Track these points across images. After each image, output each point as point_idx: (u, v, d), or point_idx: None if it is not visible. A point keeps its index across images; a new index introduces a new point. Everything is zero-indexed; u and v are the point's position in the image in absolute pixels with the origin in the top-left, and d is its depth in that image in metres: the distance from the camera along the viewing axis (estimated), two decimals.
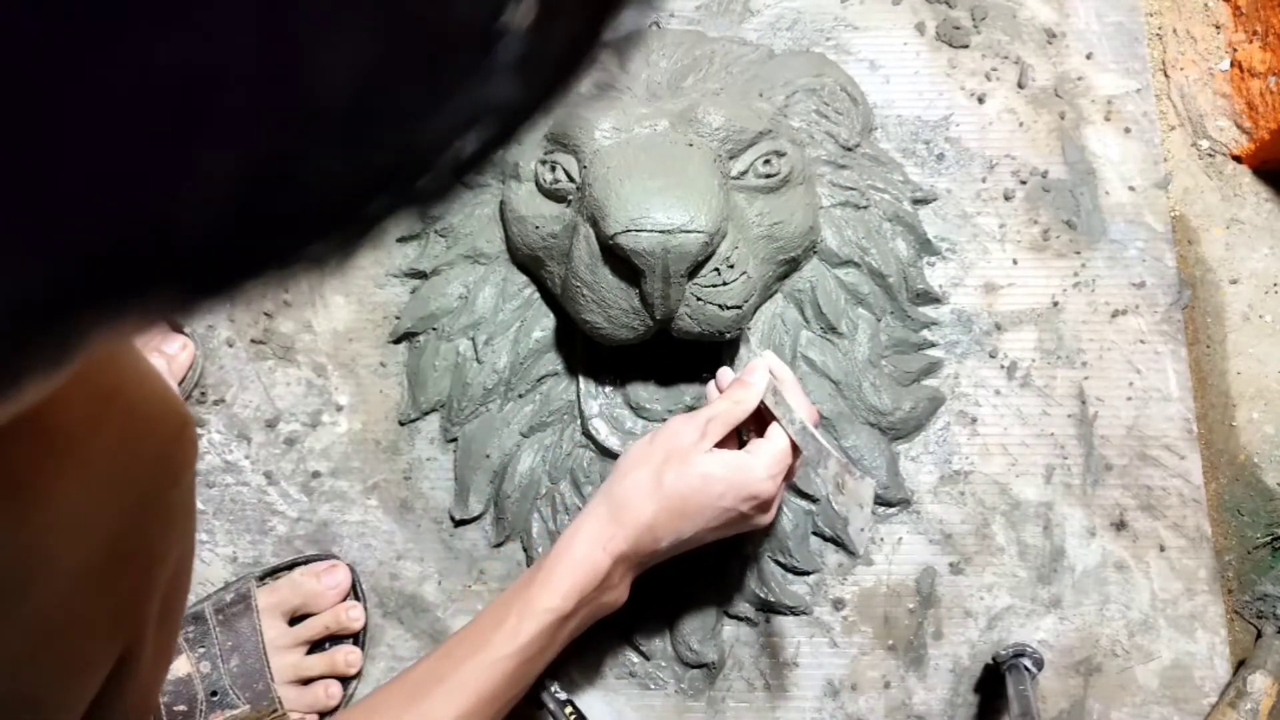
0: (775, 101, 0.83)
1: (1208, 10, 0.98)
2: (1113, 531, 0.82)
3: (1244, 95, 0.93)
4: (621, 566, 0.65)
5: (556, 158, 0.74)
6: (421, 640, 0.81)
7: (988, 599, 0.81)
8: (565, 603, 0.62)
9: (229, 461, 0.86)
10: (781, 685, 0.79)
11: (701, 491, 0.64)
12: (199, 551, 0.84)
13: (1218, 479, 0.85)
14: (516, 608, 0.62)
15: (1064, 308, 0.87)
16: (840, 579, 0.81)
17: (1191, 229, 0.92)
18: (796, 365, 0.79)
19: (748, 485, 0.64)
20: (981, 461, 0.84)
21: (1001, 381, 0.85)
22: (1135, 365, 0.85)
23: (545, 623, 0.62)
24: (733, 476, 0.64)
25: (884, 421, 0.81)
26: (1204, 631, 0.80)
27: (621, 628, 0.80)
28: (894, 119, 0.92)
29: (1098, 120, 0.92)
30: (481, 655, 0.61)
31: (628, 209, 0.65)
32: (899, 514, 0.82)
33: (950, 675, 0.79)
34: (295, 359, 0.88)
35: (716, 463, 0.64)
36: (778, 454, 0.65)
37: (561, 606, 0.62)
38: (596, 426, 0.78)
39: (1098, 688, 0.79)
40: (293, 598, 0.79)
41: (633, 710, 0.79)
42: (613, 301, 0.69)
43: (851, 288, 0.80)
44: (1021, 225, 0.89)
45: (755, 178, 0.73)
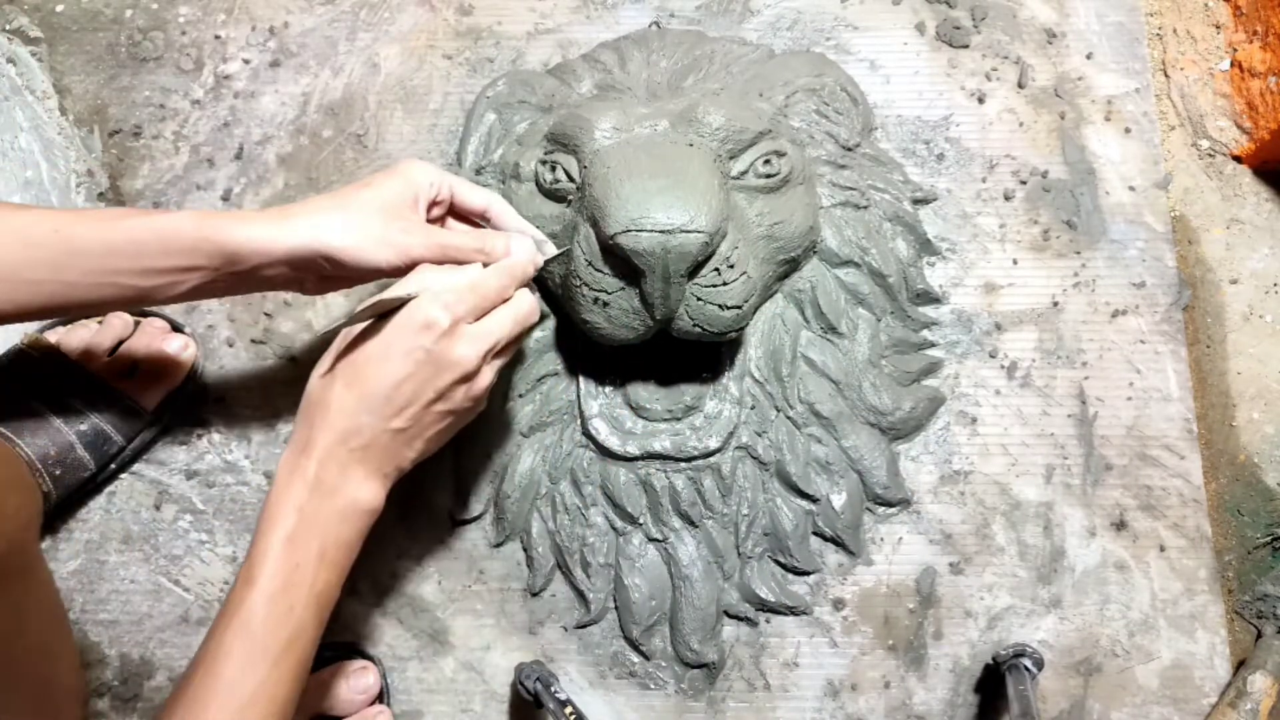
0: (775, 101, 0.83)
1: (1208, 10, 0.98)
2: (1113, 531, 0.82)
3: (1244, 95, 0.93)
4: (334, 463, 0.60)
5: (556, 158, 0.74)
6: (421, 640, 0.81)
7: (988, 599, 0.81)
8: (284, 522, 0.58)
9: (229, 461, 0.86)
10: (781, 685, 0.80)
11: (373, 348, 0.60)
12: (199, 551, 0.84)
13: (1218, 479, 0.85)
14: (248, 556, 0.59)
15: (1064, 308, 0.87)
16: (840, 579, 0.81)
17: (1191, 229, 0.92)
18: (796, 365, 0.79)
19: (415, 317, 0.60)
20: (981, 461, 0.84)
21: (1001, 381, 0.86)
22: (1135, 365, 0.85)
23: (274, 550, 0.58)
24: (406, 328, 0.60)
25: (884, 421, 0.81)
26: (1204, 631, 0.80)
27: (621, 627, 0.80)
28: (894, 119, 0.92)
29: (1098, 120, 0.92)
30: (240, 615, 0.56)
31: (628, 209, 0.65)
32: (899, 514, 0.82)
33: (950, 675, 0.79)
34: (295, 359, 0.88)
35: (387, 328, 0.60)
36: (454, 283, 0.61)
37: (282, 528, 0.58)
38: (596, 426, 0.78)
39: (1098, 688, 0.79)
40: (316, 700, 0.76)
41: (633, 710, 0.79)
42: (613, 301, 0.69)
43: (851, 288, 0.80)
44: (1021, 225, 0.89)
45: (755, 178, 0.73)
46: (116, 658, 0.81)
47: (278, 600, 0.57)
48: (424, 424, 0.62)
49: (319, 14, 0.99)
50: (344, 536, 0.61)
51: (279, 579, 0.57)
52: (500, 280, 0.64)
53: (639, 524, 0.78)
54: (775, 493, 0.79)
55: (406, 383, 0.60)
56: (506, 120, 0.86)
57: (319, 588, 0.59)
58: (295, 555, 0.58)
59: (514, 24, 0.98)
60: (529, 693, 0.75)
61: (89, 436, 0.79)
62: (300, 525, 0.59)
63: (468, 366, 0.61)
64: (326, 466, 0.60)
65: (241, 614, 0.57)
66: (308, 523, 0.59)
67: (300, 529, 0.59)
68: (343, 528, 0.61)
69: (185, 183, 0.93)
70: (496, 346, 0.63)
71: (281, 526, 0.58)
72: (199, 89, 0.96)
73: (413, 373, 0.60)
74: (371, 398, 0.60)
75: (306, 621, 0.58)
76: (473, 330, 0.62)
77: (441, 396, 0.61)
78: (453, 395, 0.62)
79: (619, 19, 0.97)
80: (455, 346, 0.61)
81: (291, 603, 0.58)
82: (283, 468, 0.61)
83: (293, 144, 0.94)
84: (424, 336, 0.60)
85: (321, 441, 0.60)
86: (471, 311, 0.62)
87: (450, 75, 0.96)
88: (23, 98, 0.93)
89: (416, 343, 0.60)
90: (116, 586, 0.83)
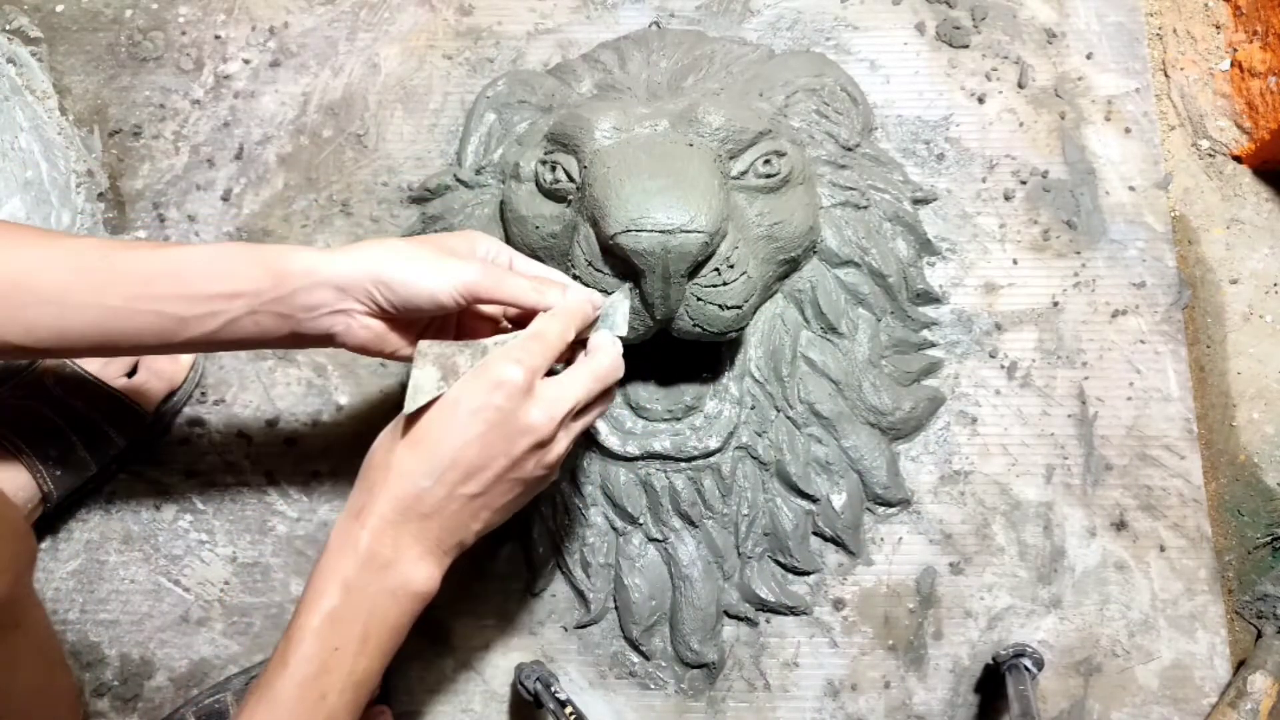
0: (775, 101, 0.83)
1: (1208, 10, 0.98)
2: (1113, 531, 0.82)
3: (1244, 95, 0.93)
4: (389, 535, 0.55)
5: (557, 158, 0.74)
6: (421, 640, 0.81)
7: (988, 599, 0.81)
8: (328, 598, 0.54)
9: (229, 461, 0.86)
10: (781, 685, 0.80)
11: (442, 408, 0.55)
12: (199, 551, 0.84)
13: (1218, 479, 0.85)
14: (286, 630, 0.55)
15: (1064, 308, 0.87)
16: (840, 579, 0.81)
17: (1191, 229, 0.92)
18: (796, 365, 0.79)
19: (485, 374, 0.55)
20: (981, 461, 0.84)
21: (1001, 381, 0.86)
22: (1135, 365, 0.85)
23: (313, 628, 0.54)
24: (477, 387, 0.55)
25: (884, 421, 0.81)
26: (1204, 631, 0.80)
27: (621, 627, 0.80)
28: (894, 119, 0.92)
29: (1098, 120, 0.92)
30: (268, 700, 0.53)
31: (628, 209, 0.65)
32: (899, 514, 0.82)
33: (950, 675, 0.79)
34: (295, 359, 0.88)
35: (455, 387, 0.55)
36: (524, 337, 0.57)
37: (326, 604, 0.54)
38: (596, 426, 0.78)
39: (1098, 688, 0.79)
40: None
41: (633, 710, 0.79)
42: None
43: (851, 288, 0.80)
44: (1021, 225, 0.89)
45: (755, 178, 0.73)
46: (116, 658, 0.81)
47: (310, 687, 0.53)
48: (494, 493, 0.57)
49: (319, 14, 0.99)
50: (391, 619, 0.56)
51: (314, 663, 0.53)
52: (561, 326, 0.59)
53: (639, 524, 0.78)
54: (775, 493, 0.79)
55: (476, 444, 0.55)
56: (506, 120, 0.86)
57: (358, 674, 0.54)
58: (335, 637, 0.54)
59: (514, 24, 0.98)
60: (529, 693, 0.75)
61: (89, 436, 0.79)
62: (345, 603, 0.54)
63: (543, 432, 0.56)
64: (381, 538, 0.54)
65: (270, 698, 0.53)
66: (353, 601, 0.54)
67: (344, 608, 0.54)
68: (392, 609, 0.55)
69: (185, 183, 0.93)
70: (574, 409, 0.58)
71: (325, 602, 0.54)
72: (199, 89, 0.96)
73: (484, 434, 0.55)
74: (437, 460, 0.54)
75: (340, 711, 0.54)
76: (548, 393, 0.57)
77: (515, 464, 0.56)
78: (525, 462, 0.56)
79: (619, 19, 0.97)
80: (530, 409, 0.55)
81: (325, 690, 0.53)
82: (333, 536, 0.56)
83: (293, 144, 0.94)
84: (495, 394, 0.54)
85: (378, 509, 0.55)
86: (542, 365, 0.57)
87: (450, 75, 0.96)
88: (23, 98, 0.93)
89: (487, 401, 0.54)
90: (116, 586, 0.83)
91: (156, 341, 0.61)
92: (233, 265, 0.59)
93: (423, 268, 0.59)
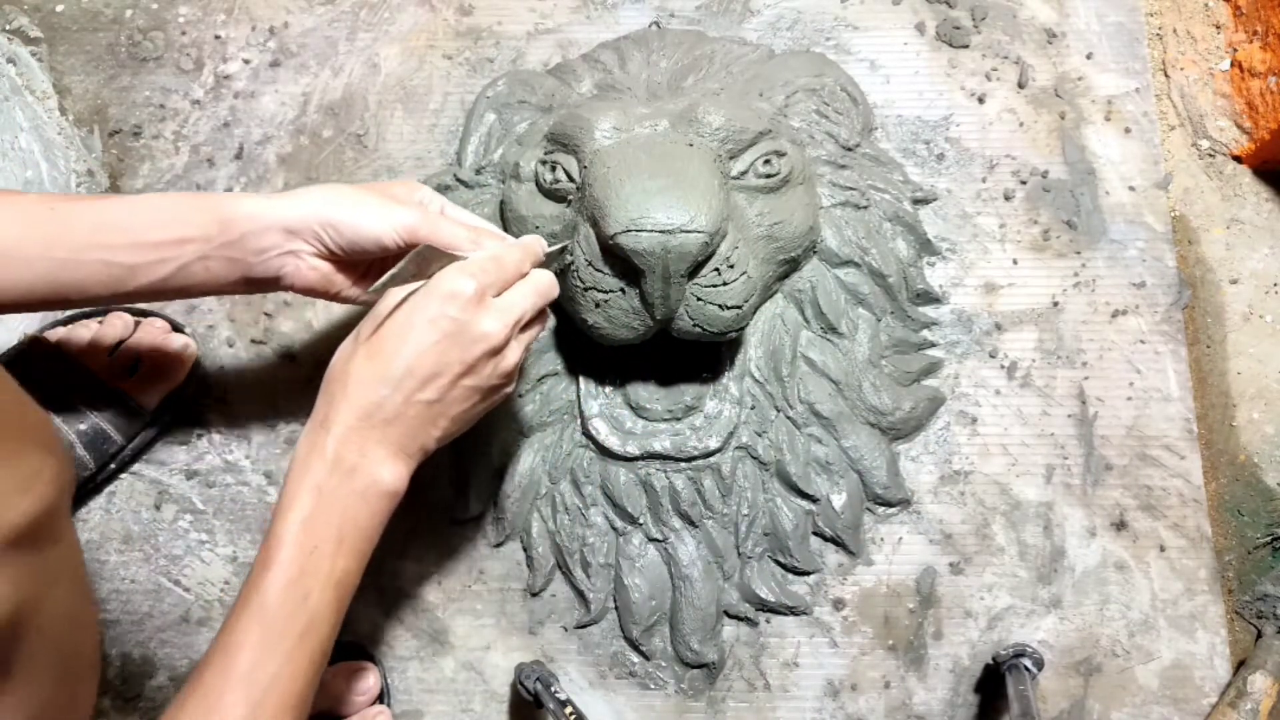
0: (775, 101, 0.83)
1: (1208, 10, 0.98)
2: (1113, 531, 0.82)
3: (1244, 95, 0.93)
4: (354, 440, 0.57)
5: (557, 158, 0.74)
6: (421, 640, 0.81)
7: (988, 599, 0.81)
8: (301, 504, 0.56)
9: (229, 461, 0.86)
10: (781, 685, 0.80)
11: (397, 319, 0.57)
12: (199, 551, 0.84)
13: (1218, 479, 0.85)
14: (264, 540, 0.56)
15: (1064, 308, 0.87)
16: (840, 579, 0.81)
17: (1191, 229, 0.92)
18: (796, 365, 0.79)
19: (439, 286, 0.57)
20: (981, 461, 0.84)
21: (1001, 381, 0.86)
22: (1135, 365, 0.85)
23: (291, 533, 0.55)
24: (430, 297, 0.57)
25: (884, 421, 0.81)
26: (1204, 631, 0.80)
27: (621, 627, 0.80)
28: (894, 119, 0.92)
29: (1098, 120, 0.92)
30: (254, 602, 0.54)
31: (628, 209, 0.65)
32: (899, 514, 0.82)
33: (950, 675, 0.79)
34: (295, 359, 0.88)
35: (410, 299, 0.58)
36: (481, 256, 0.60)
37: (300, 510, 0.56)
38: (596, 426, 0.78)
39: (1098, 688, 0.79)
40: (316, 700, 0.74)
41: (633, 710, 0.79)
42: (613, 302, 0.69)
43: (851, 288, 0.80)
44: (1021, 225, 0.89)
45: (755, 178, 0.73)
46: (117, 658, 0.81)
47: (294, 587, 0.55)
48: (450, 400, 0.59)
49: (319, 14, 0.99)
50: (363, 520, 0.58)
51: (295, 564, 0.55)
52: (519, 255, 0.62)
53: (639, 524, 0.78)
54: (775, 493, 0.79)
55: (431, 353, 0.57)
56: (506, 120, 0.86)
57: (337, 574, 0.57)
58: (312, 538, 0.56)
59: (514, 24, 0.98)
60: (529, 693, 0.75)
61: (89, 436, 0.79)
62: (318, 506, 0.56)
63: (496, 339, 0.59)
64: (346, 443, 0.57)
65: (256, 599, 0.54)
66: (325, 504, 0.56)
67: (317, 510, 0.56)
68: (362, 510, 0.58)
69: (185, 183, 0.93)
70: (523, 320, 0.61)
71: (299, 508, 0.56)
72: (199, 89, 0.96)
73: (437, 342, 0.57)
74: (394, 369, 0.57)
75: (323, 609, 0.56)
76: (498, 303, 0.60)
77: (469, 370, 0.59)
78: (481, 369, 0.59)
79: (619, 19, 0.97)
80: (482, 318, 0.58)
81: (308, 589, 0.55)
82: (301, 445, 0.58)
83: (293, 144, 0.94)
84: (449, 305, 0.57)
85: (341, 417, 0.57)
86: (495, 284, 0.60)
87: (450, 75, 0.96)
88: (23, 98, 0.93)
89: (441, 311, 0.57)
90: (116, 586, 0.83)
91: (106, 291, 0.63)
92: (180, 212, 0.62)
93: (367, 211, 0.63)
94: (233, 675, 0.53)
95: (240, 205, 0.62)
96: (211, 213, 0.62)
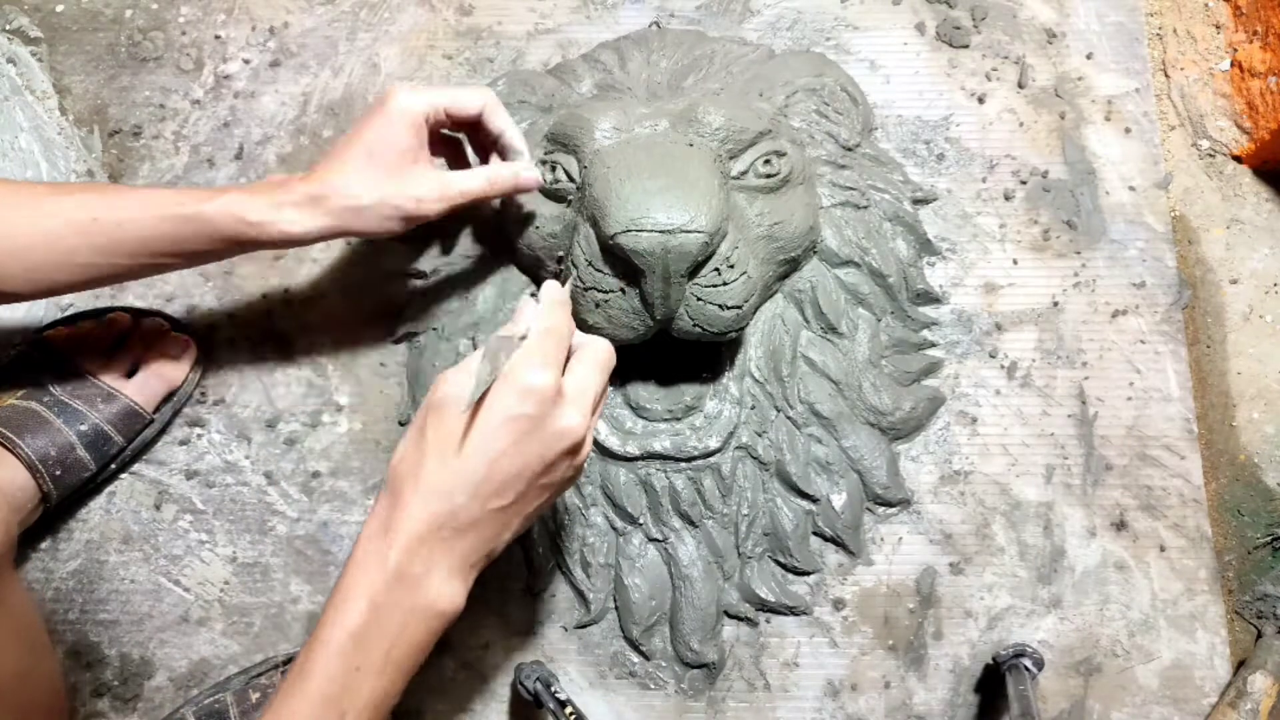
0: (775, 101, 0.83)
1: (1208, 10, 0.98)
2: (1113, 531, 0.82)
3: (1244, 95, 0.93)
4: (421, 551, 0.53)
5: (557, 158, 0.74)
6: None
7: (988, 599, 0.81)
8: (354, 615, 0.52)
9: (229, 461, 0.86)
10: (781, 685, 0.80)
11: (475, 430, 0.53)
12: (199, 551, 0.84)
13: (1218, 479, 0.85)
14: (307, 643, 0.53)
15: (1064, 308, 0.87)
16: (840, 579, 0.81)
17: (1191, 229, 0.92)
18: (796, 365, 0.79)
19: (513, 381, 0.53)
20: (981, 461, 0.84)
21: (1001, 381, 0.86)
22: (1135, 365, 0.85)
23: (337, 644, 0.52)
24: (505, 395, 0.53)
25: (884, 421, 0.81)
26: (1204, 631, 0.80)
27: (621, 627, 0.80)
28: (894, 119, 0.92)
29: (1098, 120, 0.92)
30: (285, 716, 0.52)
31: (628, 209, 0.65)
32: (899, 514, 0.82)
33: (950, 675, 0.79)
34: (295, 359, 0.88)
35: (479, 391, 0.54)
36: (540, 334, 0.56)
37: (351, 621, 0.52)
38: (596, 426, 0.77)
39: (1098, 688, 0.79)
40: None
41: (633, 710, 0.79)
42: (613, 302, 0.69)
43: (851, 288, 0.80)
44: (1021, 225, 0.89)
45: (755, 178, 0.73)
46: (117, 658, 0.81)
47: (330, 706, 0.51)
48: (524, 502, 0.55)
49: (319, 14, 0.99)
50: (416, 639, 0.54)
51: (336, 683, 0.52)
52: (566, 318, 0.59)
53: (639, 524, 0.78)
54: (775, 493, 0.79)
55: (512, 455, 0.53)
56: None
57: (377, 696, 0.53)
58: (358, 656, 0.52)
59: (514, 24, 0.98)
60: (529, 693, 0.75)
61: (89, 436, 0.79)
62: (370, 621, 0.52)
63: (577, 435, 0.55)
64: (412, 555, 0.53)
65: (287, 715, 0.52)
66: (379, 619, 0.53)
67: (370, 626, 0.52)
68: (417, 630, 0.54)
69: (185, 183, 0.93)
70: (596, 404, 0.57)
71: (350, 619, 0.52)
72: (199, 89, 0.96)
73: (517, 442, 0.53)
74: (471, 474, 0.53)
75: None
76: (571, 392, 0.55)
77: (548, 469, 0.55)
78: (559, 465, 0.55)
79: (619, 19, 0.97)
80: (562, 413, 0.54)
81: (344, 710, 0.52)
82: (360, 548, 0.54)
83: (293, 144, 0.94)
84: (527, 403, 0.53)
85: (407, 525, 0.53)
86: (561, 362, 0.56)
87: (450, 75, 0.96)
88: (23, 98, 0.93)
89: (519, 410, 0.53)
90: (116, 586, 0.83)
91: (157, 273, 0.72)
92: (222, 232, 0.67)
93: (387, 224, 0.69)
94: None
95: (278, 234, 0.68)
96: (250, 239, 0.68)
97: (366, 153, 0.68)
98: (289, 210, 0.67)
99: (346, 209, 0.67)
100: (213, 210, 0.66)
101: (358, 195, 0.67)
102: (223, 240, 0.68)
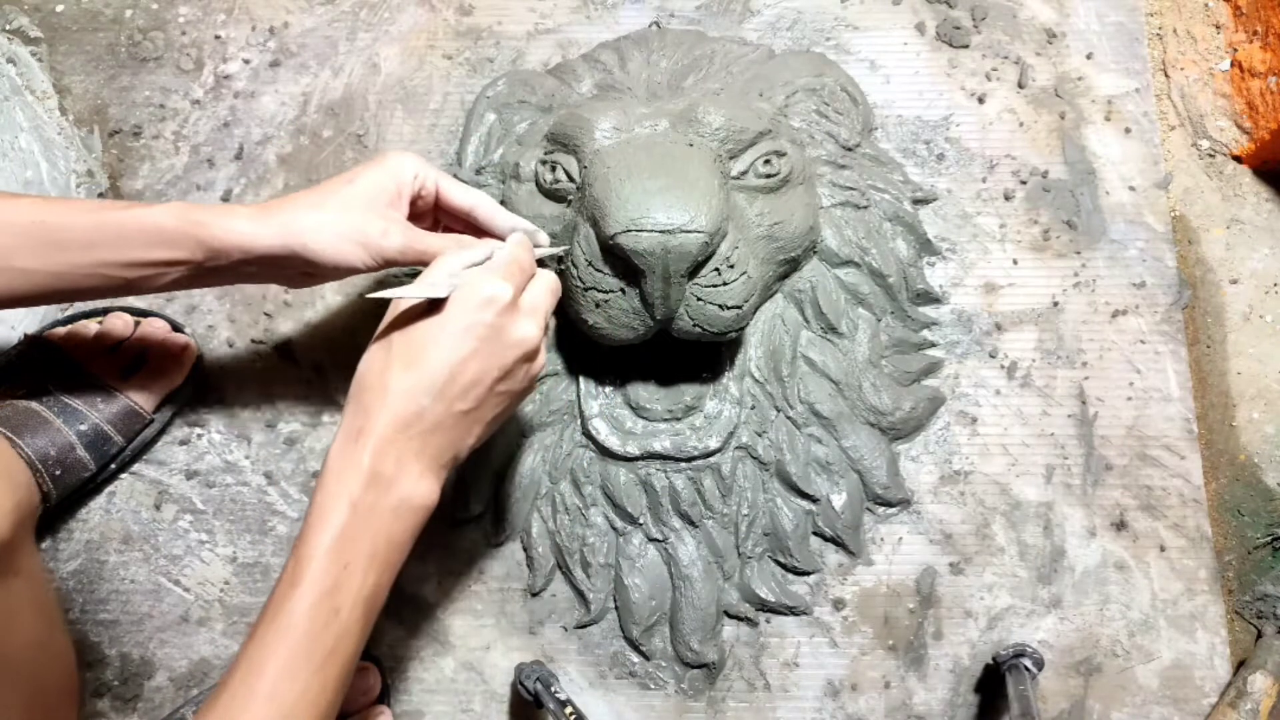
0: (775, 101, 0.83)
1: (1208, 10, 0.98)
2: (1113, 531, 0.82)
3: (1244, 95, 0.93)
4: (391, 453, 0.56)
5: (556, 158, 0.74)
6: (421, 640, 0.81)
7: (988, 599, 0.81)
8: (336, 517, 0.55)
9: (229, 461, 0.86)
10: (781, 685, 0.80)
11: (432, 327, 0.57)
12: (199, 551, 0.84)
13: (1218, 479, 0.85)
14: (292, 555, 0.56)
15: (1064, 308, 0.87)
16: (840, 579, 0.81)
17: (1191, 229, 0.92)
18: (796, 365, 0.79)
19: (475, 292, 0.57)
20: (981, 461, 0.84)
21: (1001, 381, 0.86)
22: (1135, 365, 0.85)
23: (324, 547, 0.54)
24: (467, 304, 0.57)
25: (884, 421, 0.81)
26: (1204, 631, 0.80)
27: (621, 627, 0.80)
28: (894, 119, 0.92)
29: (1098, 120, 0.92)
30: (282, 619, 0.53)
31: (628, 209, 0.65)
32: (899, 514, 0.82)
33: (950, 675, 0.79)
34: (295, 359, 0.88)
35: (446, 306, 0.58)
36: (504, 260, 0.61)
37: (334, 523, 0.55)
38: (596, 426, 0.78)
39: (1098, 688, 0.79)
40: None
41: (633, 710, 0.79)
42: (613, 302, 0.69)
43: (851, 288, 0.80)
44: (1021, 225, 0.89)
45: (755, 178, 0.73)
46: (116, 658, 0.81)
47: (323, 604, 0.54)
48: (486, 406, 0.59)
49: (319, 14, 0.99)
50: (397, 535, 0.57)
51: (326, 581, 0.54)
52: (528, 253, 0.63)
53: (639, 524, 0.78)
54: (775, 493, 0.79)
55: (472, 361, 0.57)
56: (506, 120, 0.86)
57: (367, 590, 0.56)
58: (345, 555, 0.55)
59: (514, 24, 0.98)
60: (529, 693, 0.75)
61: (89, 436, 0.79)
62: (352, 522, 0.55)
63: (533, 342, 0.60)
64: (383, 457, 0.56)
65: (283, 617, 0.53)
66: (360, 519, 0.55)
67: (352, 526, 0.55)
68: (396, 525, 0.57)
69: (185, 183, 0.93)
70: (547, 320, 0.62)
71: (332, 523, 0.55)
72: (199, 89, 0.96)
73: (477, 348, 0.57)
74: (435, 377, 0.56)
75: (352, 626, 0.55)
76: (526, 305, 0.60)
77: (506, 375, 0.59)
78: (516, 373, 0.60)
79: (619, 19, 0.97)
80: (519, 322, 0.59)
81: (337, 606, 0.54)
82: (333, 456, 0.56)
83: (293, 144, 0.94)
84: (486, 311, 0.57)
85: (378, 429, 0.56)
86: (521, 286, 0.60)
87: (450, 75, 0.96)
88: (23, 98, 0.93)
89: (479, 318, 0.57)
90: (116, 586, 0.83)
91: (110, 294, 0.67)
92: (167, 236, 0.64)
93: (341, 242, 0.64)
94: (258, 693, 0.52)
95: (225, 233, 0.64)
96: (197, 240, 0.64)
97: (343, 182, 0.66)
98: (241, 218, 0.64)
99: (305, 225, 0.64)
100: (161, 210, 0.64)
101: (318, 206, 0.65)
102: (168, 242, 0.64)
